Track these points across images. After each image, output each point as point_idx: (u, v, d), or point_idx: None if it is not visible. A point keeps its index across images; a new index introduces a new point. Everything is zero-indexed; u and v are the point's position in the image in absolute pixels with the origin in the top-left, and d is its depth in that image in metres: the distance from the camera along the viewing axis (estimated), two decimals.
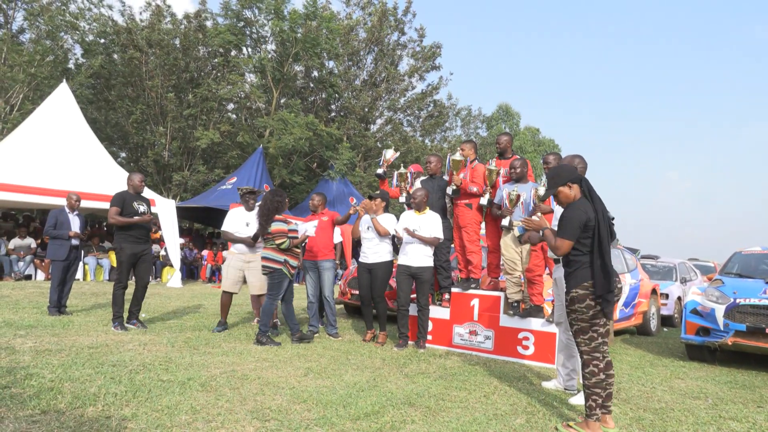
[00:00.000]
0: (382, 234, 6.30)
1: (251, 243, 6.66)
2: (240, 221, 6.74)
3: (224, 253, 6.91)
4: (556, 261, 4.63)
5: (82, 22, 19.01)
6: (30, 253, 11.92)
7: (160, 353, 5.04)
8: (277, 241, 5.91)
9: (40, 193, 10.69)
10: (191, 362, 4.75)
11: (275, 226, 5.96)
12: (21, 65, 16.33)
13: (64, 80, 13.75)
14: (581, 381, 3.70)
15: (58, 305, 7.18)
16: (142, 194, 6.66)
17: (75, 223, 7.53)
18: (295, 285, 15.50)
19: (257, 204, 6.80)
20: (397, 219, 6.43)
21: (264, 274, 6.09)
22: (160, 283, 13.27)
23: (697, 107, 75.25)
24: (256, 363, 4.90)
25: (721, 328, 6.15)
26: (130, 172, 8.34)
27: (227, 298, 6.77)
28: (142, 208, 6.42)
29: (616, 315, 7.53)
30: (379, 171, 7.03)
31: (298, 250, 6.27)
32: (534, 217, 5.58)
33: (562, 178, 3.65)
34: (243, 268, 6.70)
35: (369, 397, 3.99)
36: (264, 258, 6.04)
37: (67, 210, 7.55)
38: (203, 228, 22.03)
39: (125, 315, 6.50)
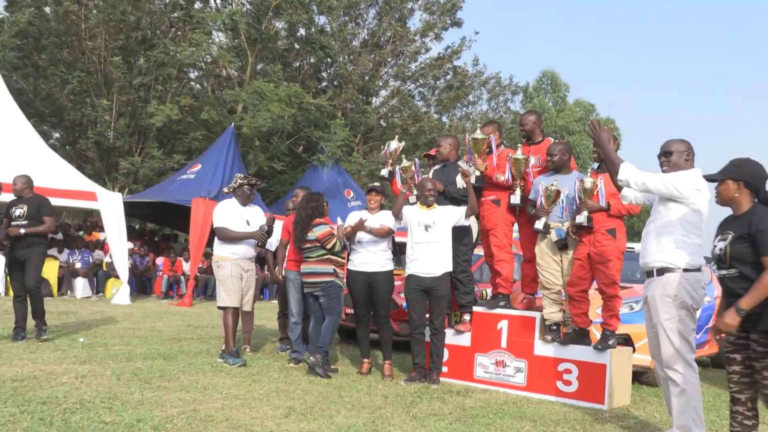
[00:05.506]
0: (383, 235, 6.43)
1: (263, 237, 6.84)
2: (236, 216, 6.76)
3: (214, 259, 6.86)
4: (649, 274, 4.41)
5: None
6: None
7: (102, 388, 5.09)
8: (327, 246, 6.37)
9: None
10: (141, 399, 4.80)
11: (319, 231, 6.39)
12: None
13: None
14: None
15: None
16: (28, 197, 7.35)
17: None
18: (264, 302, 15.57)
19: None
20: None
21: (311, 293, 6.48)
22: (104, 299, 13.36)
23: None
24: (223, 401, 4.95)
25: None
26: (65, 155, 8.52)
27: (234, 317, 6.71)
28: (18, 212, 7.21)
29: None
30: (384, 171, 6.98)
31: (342, 259, 6.66)
32: (579, 217, 5.61)
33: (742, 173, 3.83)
34: (243, 277, 6.78)
35: None
36: (307, 274, 6.47)
37: None
38: (158, 229, 22.14)
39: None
